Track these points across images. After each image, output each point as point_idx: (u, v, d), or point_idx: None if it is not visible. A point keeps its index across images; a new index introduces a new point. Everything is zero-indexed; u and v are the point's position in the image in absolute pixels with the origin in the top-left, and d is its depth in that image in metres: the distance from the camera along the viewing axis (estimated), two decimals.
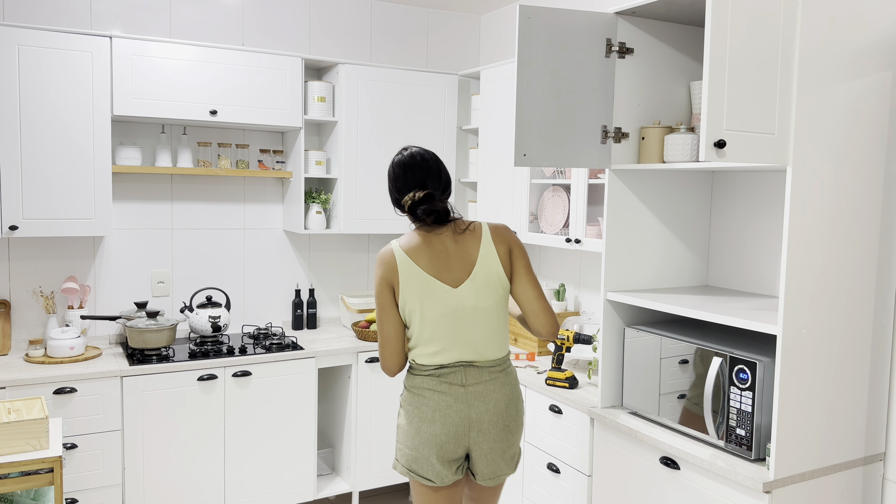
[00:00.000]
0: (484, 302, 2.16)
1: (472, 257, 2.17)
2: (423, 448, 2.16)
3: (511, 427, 2.21)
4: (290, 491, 3.42)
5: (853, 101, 2.08)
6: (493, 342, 2.18)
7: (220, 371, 3.22)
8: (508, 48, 4.07)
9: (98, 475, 3.00)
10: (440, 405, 2.15)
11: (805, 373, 2.05)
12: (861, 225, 2.14)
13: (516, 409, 2.23)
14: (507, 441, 2.21)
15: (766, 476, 2.01)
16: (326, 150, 3.83)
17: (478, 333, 2.16)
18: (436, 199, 2.17)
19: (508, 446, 2.22)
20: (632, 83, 2.47)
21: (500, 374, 2.20)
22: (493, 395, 2.17)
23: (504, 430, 2.19)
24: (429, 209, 2.15)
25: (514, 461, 2.26)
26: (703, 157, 1.92)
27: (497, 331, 2.19)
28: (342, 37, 3.98)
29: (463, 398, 2.15)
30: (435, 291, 2.14)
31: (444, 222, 2.19)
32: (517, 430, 2.24)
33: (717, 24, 1.90)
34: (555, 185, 3.34)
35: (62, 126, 3.07)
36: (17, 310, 3.34)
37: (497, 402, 2.17)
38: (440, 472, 2.17)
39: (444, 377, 2.16)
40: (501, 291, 2.19)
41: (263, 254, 3.88)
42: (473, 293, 2.15)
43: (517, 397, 2.24)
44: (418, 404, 2.18)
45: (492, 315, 2.18)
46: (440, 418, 2.15)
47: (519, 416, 2.24)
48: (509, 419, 2.20)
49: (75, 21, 3.35)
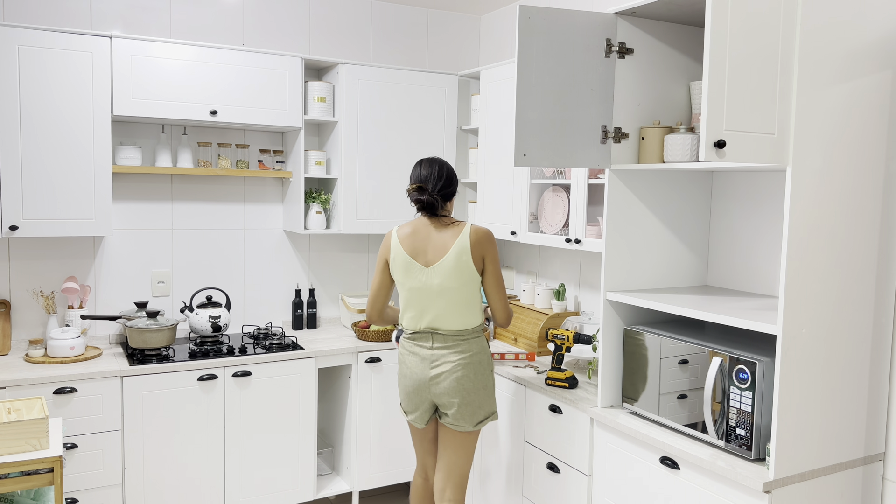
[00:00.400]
0: (449, 283, 2.62)
1: (447, 246, 2.63)
2: (401, 394, 2.81)
3: (467, 387, 2.64)
4: (290, 491, 3.42)
5: (853, 101, 2.08)
6: (456, 316, 2.65)
7: (220, 371, 3.22)
8: (508, 48, 4.08)
9: (98, 475, 3.00)
10: (410, 364, 2.73)
11: (805, 373, 2.05)
12: (861, 225, 2.15)
13: (474, 372, 2.65)
14: (463, 397, 2.64)
15: (766, 476, 2.01)
16: (326, 150, 3.83)
17: (442, 307, 2.64)
18: (426, 193, 2.67)
19: (466, 402, 2.65)
20: (632, 83, 2.47)
21: (462, 342, 2.66)
22: (451, 357, 2.65)
23: (459, 387, 2.64)
24: (416, 198, 2.68)
25: (473, 417, 2.67)
26: (702, 158, 1.92)
27: (460, 307, 2.64)
28: (342, 37, 3.98)
29: (428, 358, 2.68)
30: (411, 269, 2.68)
31: (431, 213, 2.69)
32: (474, 390, 2.66)
33: (717, 24, 1.90)
34: (555, 185, 3.34)
35: (62, 126, 3.07)
36: (18, 310, 3.34)
37: (454, 364, 2.64)
38: (414, 416, 2.77)
39: (416, 340, 2.72)
40: (467, 278, 2.62)
41: (263, 254, 3.88)
42: (441, 274, 2.63)
43: (477, 362, 2.66)
44: (401, 361, 2.78)
45: (456, 294, 2.63)
46: (409, 374, 2.73)
47: (477, 377, 2.66)
48: (465, 379, 2.64)
49: (75, 21, 3.36)
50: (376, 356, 3.55)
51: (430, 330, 2.67)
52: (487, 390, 2.70)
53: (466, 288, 2.63)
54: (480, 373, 2.67)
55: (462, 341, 2.66)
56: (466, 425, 2.67)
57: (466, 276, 2.62)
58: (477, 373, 2.66)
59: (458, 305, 2.65)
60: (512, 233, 3.53)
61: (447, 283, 2.62)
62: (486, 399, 2.70)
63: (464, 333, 2.66)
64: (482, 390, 2.68)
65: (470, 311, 2.67)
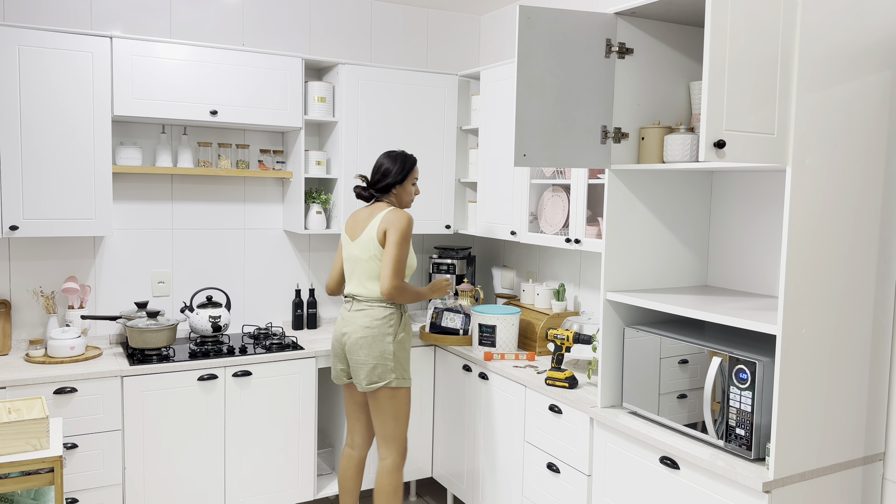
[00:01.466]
0: (362, 254, 3.02)
1: (366, 225, 3.03)
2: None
3: (364, 347, 2.97)
4: (290, 491, 3.42)
5: (853, 101, 2.08)
6: (366, 283, 3.02)
7: (220, 371, 3.22)
8: (508, 48, 4.08)
9: (98, 475, 3.00)
10: (337, 322, 3.13)
11: (805, 373, 2.05)
12: (861, 225, 2.15)
13: (373, 337, 2.97)
14: (361, 357, 2.98)
15: (766, 476, 2.02)
16: (326, 150, 3.83)
17: (358, 275, 3.05)
18: (367, 184, 3.12)
19: (364, 363, 2.98)
20: (632, 83, 2.47)
21: (367, 307, 3.01)
22: (357, 320, 3.01)
23: (359, 347, 2.98)
24: (354, 187, 3.19)
25: (369, 378, 2.98)
26: (702, 158, 1.92)
27: (370, 277, 3.01)
28: (342, 37, 3.98)
29: (347, 319, 3.06)
30: (346, 243, 3.13)
31: (366, 200, 3.14)
32: (370, 352, 2.96)
33: (717, 25, 1.90)
34: (555, 185, 3.34)
35: (63, 126, 3.07)
36: (18, 310, 3.34)
37: (357, 326, 2.99)
38: (336, 372, 3.15)
39: (345, 304, 3.11)
40: (373, 252, 2.99)
41: (263, 254, 3.88)
42: (359, 246, 3.03)
43: (374, 326, 2.98)
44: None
45: (365, 265, 3.02)
46: (334, 331, 3.13)
47: (375, 342, 2.97)
48: (363, 341, 2.97)
49: (76, 21, 3.36)
50: None
51: (352, 295, 3.06)
52: (384, 357, 2.96)
53: (373, 261, 3.00)
54: (379, 339, 2.97)
55: (368, 307, 3.01)
56: (361, 383, 2.99)
57: (372, 250, 2.99)
58: (376, 338, 2.96)
59: (368, 275, 3.01)
60: (512, 233, 3.53)
61: (361, 255, 3.02)
62: (381, 363, 2.96)
63: (370, 300, 3.01)
64: (374, 354, 2.96)
65: (374, 284, 3.01)
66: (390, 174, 3.08)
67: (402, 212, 3.00)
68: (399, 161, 3.09)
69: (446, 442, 3.63)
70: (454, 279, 3.97)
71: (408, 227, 2.97)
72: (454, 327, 3.60)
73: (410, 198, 3.16)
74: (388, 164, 3.09)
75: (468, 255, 4.05)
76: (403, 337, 3.05)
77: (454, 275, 3.98)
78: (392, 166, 3.08)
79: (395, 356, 2.99)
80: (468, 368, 3.40)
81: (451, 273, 3.99)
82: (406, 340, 3.07)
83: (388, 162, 3.09)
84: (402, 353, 3.03)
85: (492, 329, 3.32)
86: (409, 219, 2.99)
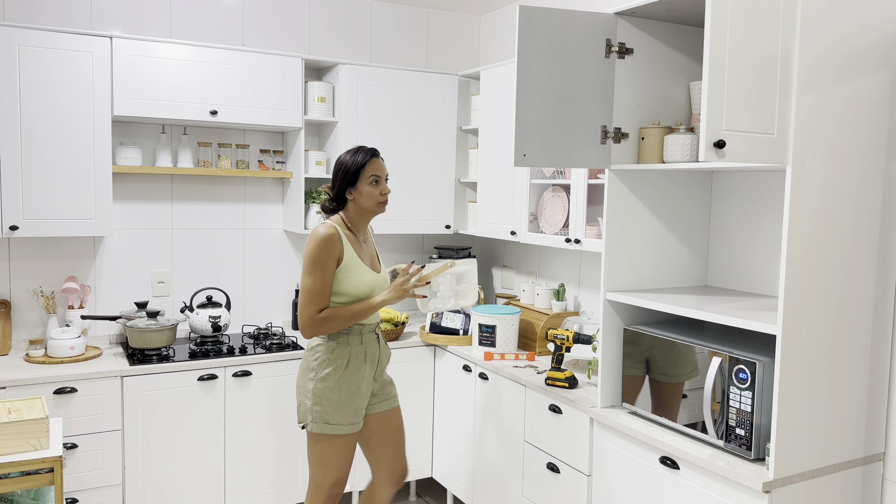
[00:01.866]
0: None
1: None
2: None
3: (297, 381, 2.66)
4: (290, 491, 3.42)
5: (853, 101, 2.08)
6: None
7: (220, 371, 3.22)
8: (508, 48, 4.08)
9: (98, 475, 3.00)
10: None
11: (805, 373, 2.05)
12: (861, 225, 2.15)
13: (301, 370, 2.64)
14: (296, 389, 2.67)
15: (766, 476, 2.01)
16: (326, 150, 3.83)
17: None
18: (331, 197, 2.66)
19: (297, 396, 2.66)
20: (631, 83, 2.47)
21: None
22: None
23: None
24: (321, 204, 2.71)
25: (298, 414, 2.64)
26: (702, 158, 1.92)
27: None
28: (342, 37, 3.98)
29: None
30: None
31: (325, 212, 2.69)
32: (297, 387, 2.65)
33: (717, 24, 1.90)
34: (555, 185, 3.34)
35: (62, 126, 3.07)
36: (18, 310, 3.34)
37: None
38: None
39: None
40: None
41: (263, 254, 3.88)
42: None
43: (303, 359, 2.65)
44: None
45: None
46: None
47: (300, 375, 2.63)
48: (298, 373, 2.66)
49: (76, 21, 3.36)
50: None
51: None
52: (303, 394, 2.60)
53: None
54: (302, 374, 2.63)
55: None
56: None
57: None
58: (301, 372, 2.64)
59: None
60: (512, 233, 3.53)
61: None
62: (302, 402, 2.61)
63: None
64: (300, 391, 2.62)
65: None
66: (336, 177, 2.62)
67: (315, 231, 2.52)
68: (349, 160, 2.60)
69: (446, 442, 3.63)
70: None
71: (316, 250, 2.48)
72: (454, 327, 3.60)
73: (373, 200, 2.61)
74: (339, 161, 2.63)
75: (468, 255, 4.05)
76: (330, 373, 2.56)
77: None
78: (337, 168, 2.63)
79: (316, 396, 2.56)
80: (468, 368, 3.40)
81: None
82: (336, 377, 2.57)
83: (340, 159, 2.63)
84: (329, 393, 2.56)
85: (492, 329, 3.32)
86: (320, 238, 2.49)
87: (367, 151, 2.61)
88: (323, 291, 2.50)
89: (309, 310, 2.50)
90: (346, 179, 2.58)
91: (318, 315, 2.51)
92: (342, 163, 2.60)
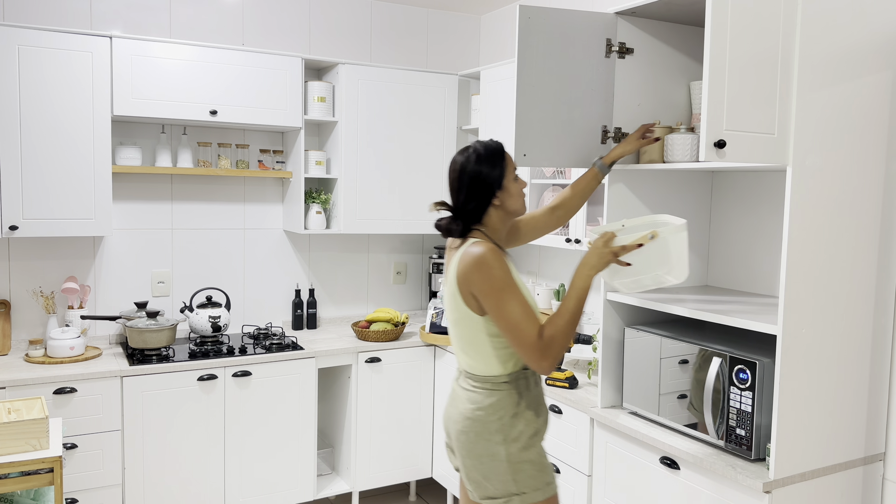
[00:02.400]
0: (448, 314, 2.11)
1: (448, 270, 2.09)
2: None
3: (467, 446, 2.04)
4: (290, 491, 3.42)
5: (853, 101, 2.08)
6: (463, 355, 2.10)
7: (220, 371, 3.22)
8: (508, 48, 4.07)
9: (98, 475, 3.00)
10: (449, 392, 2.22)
11: (805, 373, 2.05)
12: (861, 225, 2.14)
13: (476, 433, 2.02)
14: (463, 457, 2.06)
15: (766, 476, 2.01)
16: (326, 150, 3.83)
17: (454, 337, 2.12)
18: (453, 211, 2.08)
19: (467, 466, 2.06)
20: (632, 83, 2.46)
21: (474, 388, 2.05)
22: (460, 403, 2.08)
23: (459, 441, 2.06)
24: (436, 223, 2.12)
25: (478, 487, 2.04)
26: (703, 157, 1.92)
27: (464, 346, 2.07)
28: (342, 37, 3.98)
29: (450, 394, 2.17)
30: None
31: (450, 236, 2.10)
32: (474, 454, 2.02)
33: (717, 25, 1.90)
34: (555, 185, 3.34)
35: (62, 126, 3.07)
36: (17, 310, 3.34)
37: (459, 413, 2.07)
38: (449, 456, 2.21)
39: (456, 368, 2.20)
40: (459, 315, 2.03)
41: (263, 254, 3.88)
42: (445, 301, 2.12)
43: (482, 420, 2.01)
44: None
45: (454, 329, 2.09)
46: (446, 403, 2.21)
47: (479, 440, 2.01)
48: (465, 436, 2.04)
49: (75, 21, 3.35)
50: (376, 356, 3.55)
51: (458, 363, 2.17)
52: (495, 462, 2.00)
53: (464, 326, 2.04)
54: (483, 436, 2.01)
55: (474, 387, 2.06)
56: (473, 492, 2.07)
57: (458, 314, 2.03)
58: (480, 435, 2.01)
59: (461, 343, 2.09)
60: None
61: (448, 313, 2.11)
62: (492, 472, 2.01)
63: (475, 378, 2.06)
64: (487, 459, 2.01)
65: (478, 355, 2.05)
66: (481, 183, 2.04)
67: (474, 251, 1.95)
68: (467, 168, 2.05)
69: None
70: None
71: (496, 270, 1.93)
72: None
73: (520, 199, 2.10)
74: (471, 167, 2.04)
75: None
76: (524, 429, 2.02)
77: None
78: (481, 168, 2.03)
79: (514, 465, 2.00)
80: None
81: None
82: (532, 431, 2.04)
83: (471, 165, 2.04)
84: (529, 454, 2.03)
85: None
86: (487, 255, 1.93)
87: (494, 144, 2.08)
88: (531, 310, 1.95)
89: (533, 338, 1.92)
90: (492, 184, 2.03)
91: (543, 340, 1.92)
92: (477, 170, 2.03)
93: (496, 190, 2.04)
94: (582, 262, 2.04)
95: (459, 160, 2.07)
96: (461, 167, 2.05)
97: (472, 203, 2.05)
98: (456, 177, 2.07)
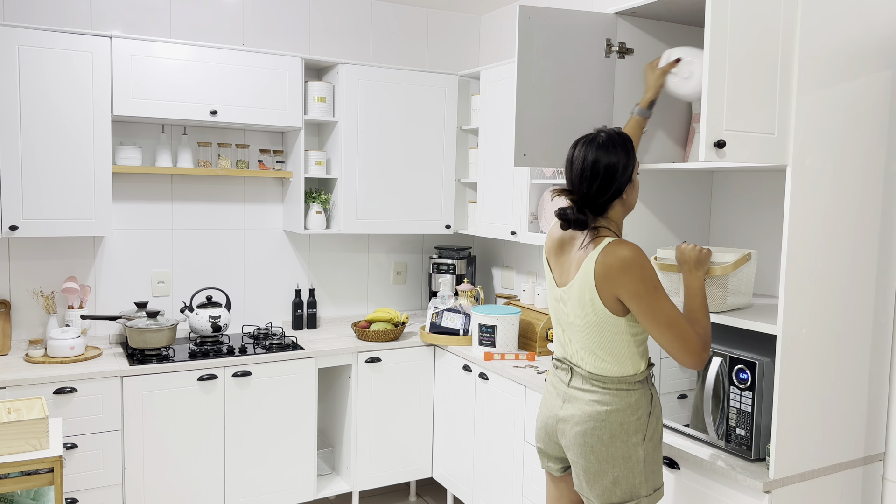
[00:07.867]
0: (575, 318, 2.04)
1: (575, 269, 2.03)
2: (536, 426, 2.23)
3: (596, 449, 2.00)
4: (290, 491, 3.42)
5: (853, 101, 2.08)
6: (590, 357, 2.04)
7: (220, 371, 3.22)
8: (508, 48, 4.07)
9: (98, 475, 3.00)
10: (546, 394, 2.19)
11: (805, 373, 2.05)
12: (861, 225, 2.14)
13: (609, 434, 1.99)
14: (587, 460, 2.02)
15: (766, 476, 2.01)
16: (326, 150, 3.83)
17: (575, 341, 2.07)
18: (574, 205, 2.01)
19: (593, 471, 2.02)
20: (632, 83, 2.47)
21: (601, 390, 2.01)
22: (583, 406, 2.03)
23: (584, 446, 2.02)
24: (559, 211, 2.05)
25: (603, 494, 2.02)
26: (702, 157, 1.92)
27: (593, 349, 2.02)
28: (342, 37, 3.98)
29: (562, 395, 2.10)
30: (549, 278, 2.17)
31: (579, 228, 2.02)
32: (606, 458, 2.00)
33: (717, 25, 1.90)
34: (554, 185, 3.34)
35: (62, 126, 3.07)
36: (17, 310, 3.34)
37: (584, 416, 2.02)
38: (544, 459, 2.22)
39: (557, 368, 2.16)
40: (594, 319, 1.98)
41: (263, 254, 3.88)
42: (567, 302, 2.06)
43: (617, 422, 1.99)
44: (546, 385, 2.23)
45: (583, 334, 2.03)
46: (543, 405, 2.19)
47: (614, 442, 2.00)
48: (593, 438, 2.00)
49: (75, 21, 3.35)
50: (376, 356, 3.55)
51: (569, 363, 2.11)
52: (630, 464, 2.00)
53: (602, 329, 1.99)
54: (621, 437, 1.99)
55: (601, 388, 2.02)
56: (592, 499, 2.05)
57: (593, 318, 1.98)
58: (614, 436, 1.99)
59: (591, 346, 2.03)
60: (512, 233, 3.53)
61: (573, 318, 2.04)
62: (625, 474, 2.00)
63: (603, 380, 2.02)
64: (621, 462, 2.00)
65: (611, 357, 2.01)
66: (615, 175, 1.98)
67: (620, 251, 1.93)
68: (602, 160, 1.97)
69: (446, 442, 3.63)
70: (453, 279, 3.96)
71: (648, 269, 1.93)
72: (454, 327, 3.60)
73: (638, 193, 2.12)
74: (597, 164, 1.97)
75: (468, 255, 4.05)
76: (657, 428, 2.07)
77: (454, 275, 3.98)
78: (609, 165, 1.97)
79: (649, 465, 2.03)
80: (468, 368, 3.40)
81: (450, 273, 3.98)
82: (659, 430, 2.08)
83: (606, 155, 1.97)
84: (656, 452, 2.07)
85: (492, 329, 3.31)
86: (637, 254, 1.93)
87: (625, 134, 2.04)
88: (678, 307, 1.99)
89: (694, 334, 1.94)
90: (628, 174, 2.00)
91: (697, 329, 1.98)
92: (613, 161, 1.97)
93: (626, 183, 2.01)
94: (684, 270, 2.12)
95: (592, 149, 1.98)
96: (595, 157, 1.97)
97: (604, 195, 1.99)
98: (589, 166, 1.97)
